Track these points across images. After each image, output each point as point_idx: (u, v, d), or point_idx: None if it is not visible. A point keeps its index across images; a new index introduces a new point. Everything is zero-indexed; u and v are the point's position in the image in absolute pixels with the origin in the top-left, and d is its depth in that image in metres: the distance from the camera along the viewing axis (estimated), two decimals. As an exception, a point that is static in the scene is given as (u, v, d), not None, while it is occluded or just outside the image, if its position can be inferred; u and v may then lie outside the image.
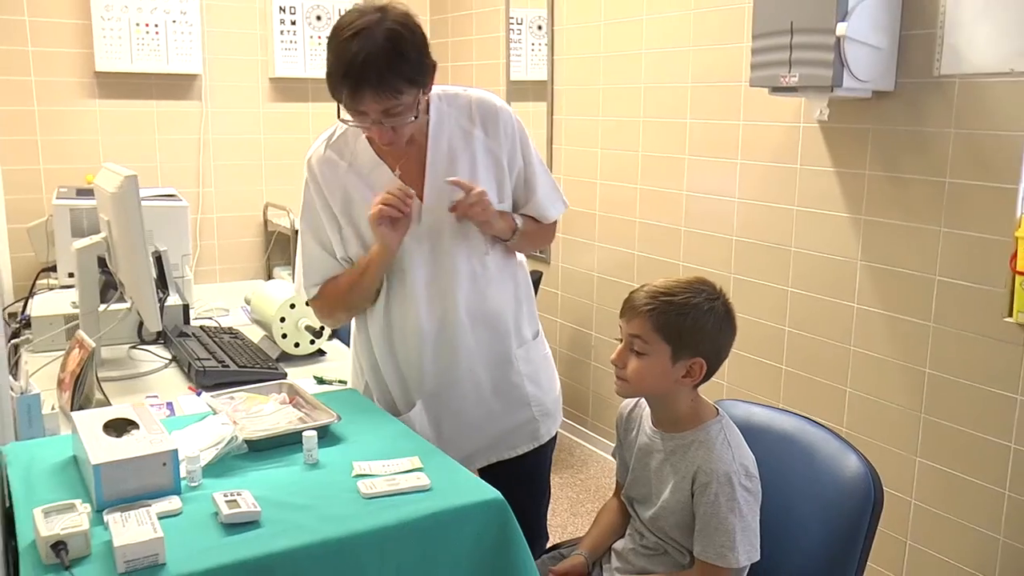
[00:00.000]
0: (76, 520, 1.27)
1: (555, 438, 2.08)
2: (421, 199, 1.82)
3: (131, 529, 1.26)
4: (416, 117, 1.71)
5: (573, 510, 3.47)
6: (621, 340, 1.62)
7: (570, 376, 4.11)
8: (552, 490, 3.64)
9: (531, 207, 1.94)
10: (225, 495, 1.37)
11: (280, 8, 4.50)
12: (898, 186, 2.56)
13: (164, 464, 1.42)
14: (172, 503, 1.38)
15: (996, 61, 2.28)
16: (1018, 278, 2.23)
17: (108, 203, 2.25)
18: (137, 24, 4.15)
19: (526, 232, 1.93)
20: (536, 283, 3.75)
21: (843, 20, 2.35)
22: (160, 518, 1.33)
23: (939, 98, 2.43)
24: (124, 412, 1.57)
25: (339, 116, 1.76)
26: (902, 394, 2.61)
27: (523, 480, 2.03)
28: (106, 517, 1.31)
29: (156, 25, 4.19)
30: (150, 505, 1.35)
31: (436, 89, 1.83)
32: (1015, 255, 2.22)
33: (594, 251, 3.89)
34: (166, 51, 4.24)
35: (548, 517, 2.06)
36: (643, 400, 1.73)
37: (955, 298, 2.44)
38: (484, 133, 1.85)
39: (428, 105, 1.82)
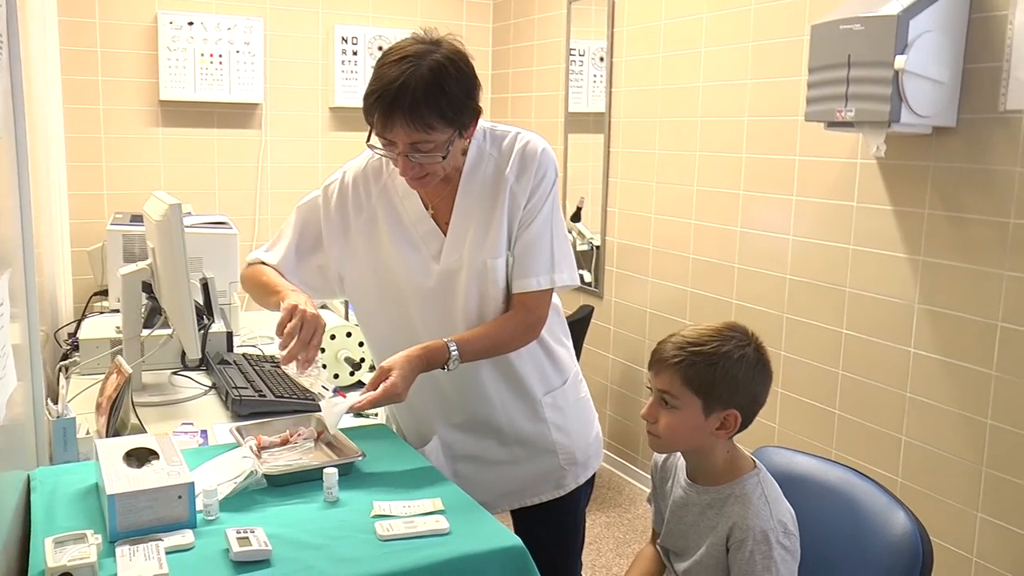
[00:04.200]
0: (85, 552, 1.25)
1: (588, 483, 1.96)
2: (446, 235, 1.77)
3: (138, 564, 1.25)
4: (444, 157, 1.63)
5: (619, 551, 3.38)
6: (651, 392, 1.55)
7: (620, 412, 4.03)
8: (598, 529, 3.58)
9: (515, 267, 1.75)
10: (238, 531, 1.35)
11: (342, 38, 4.57)
12: (959, 226, 2.45)
13: (180, 497, 1.40)
14: (185, 537, 1.36)
15: (1066, 97, 2.18)
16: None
17: (154, 231, 2.28)
18: (202, 55, 4.26)
19: (476, 350, 1.71)
20: (587, 318, 3.69)
21: (902, 53, 2.27)
22: (172, 552, 1.31)
23: (1004, 134, 2.32)
24: (147, 442, 1.56)
25: (368, 141, 1.68)
26: (962, 445, 2.48)
27: (549, 526, 1.94)
28: (117, 549, 1.30)
29: (220, 55, 4.29)
30: (161, 539, 1.33)
31: (484, 125, 1.75)
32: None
33: (647, 286, 3.82)
34: (228, 81, 4.33)
35: (593, 557, 1.99)
36: (679, 448, 1.66)
37: (1020, 345, 2.32)
38: (515, 177, 1.73)
39: (467, 147, 1.75)
